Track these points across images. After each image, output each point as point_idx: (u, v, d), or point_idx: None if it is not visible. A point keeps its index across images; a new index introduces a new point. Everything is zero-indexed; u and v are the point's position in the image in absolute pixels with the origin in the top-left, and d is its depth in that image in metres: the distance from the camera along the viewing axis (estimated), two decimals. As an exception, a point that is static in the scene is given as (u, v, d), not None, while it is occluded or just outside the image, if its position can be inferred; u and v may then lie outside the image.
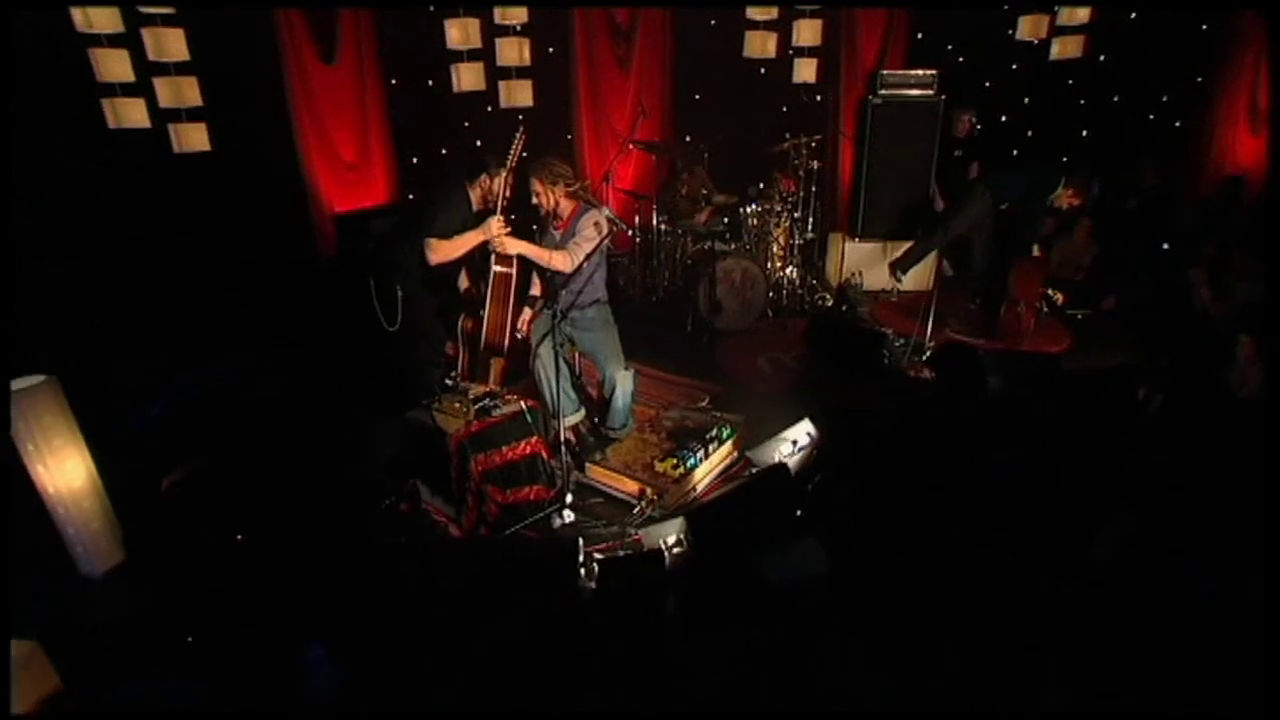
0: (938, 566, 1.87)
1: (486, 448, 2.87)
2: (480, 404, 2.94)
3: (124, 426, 3.58)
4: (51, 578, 2.92)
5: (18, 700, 2.36)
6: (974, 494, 1.91)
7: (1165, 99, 6.27)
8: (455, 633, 1.78)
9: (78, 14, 4.34)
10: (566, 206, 3.17)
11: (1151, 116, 6.36)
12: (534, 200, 3.16)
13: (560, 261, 3.06)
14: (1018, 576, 1.61)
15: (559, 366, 3.09)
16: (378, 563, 2.60)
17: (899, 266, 5.24)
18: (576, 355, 3.51)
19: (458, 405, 2.94)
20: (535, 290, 3.43)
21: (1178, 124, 6.29)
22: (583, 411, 3.46)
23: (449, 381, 3.11)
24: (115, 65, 4.47)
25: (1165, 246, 5.45)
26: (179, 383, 4.05)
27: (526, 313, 3.35)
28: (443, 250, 3.17)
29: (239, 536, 2.50)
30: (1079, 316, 4.93)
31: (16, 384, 2.78)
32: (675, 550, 2.63)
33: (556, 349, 2.97)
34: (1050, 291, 4.65)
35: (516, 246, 3.12)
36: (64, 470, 2.90)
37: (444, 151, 5.85)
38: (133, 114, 4.54)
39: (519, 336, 3.33)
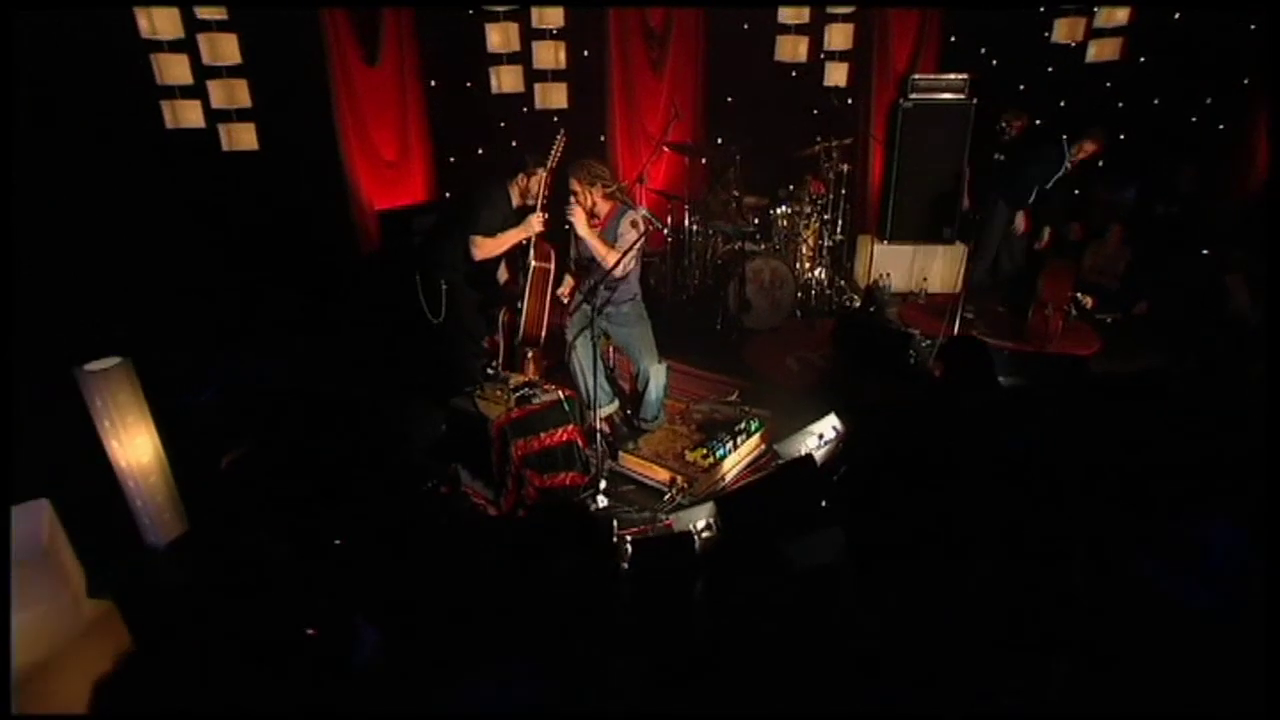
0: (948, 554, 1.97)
1: (526, 434, 3.07)
2: (520, 392, 3.15)
3: (180, 410, 3.85)
4: (123, 545, 3.19)
5: (96, 654, 2.62)
6: (977, 482, 2.03)
7: (1209, 101, 6.27)
8: (497, 589, 1.96)
9: (143, 20, 4.64)
10: (604, 207, 3.35)
11: (1194, 119, 6.36)
12: (572, 199, 3.35)
13: (614, 256, 3.22)
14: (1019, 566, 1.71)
15: (595, 360, 3.28)
16: (422, 537, 2.81)
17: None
18: (611, 350, 3.69)
19: (499, 393, 3.15)
20: (564, 290, 3.59)
21: (1221, 127, 6.29)
22: (616, 403, 3.65)
23: (490, 371, 3.32)
24: (175, 69, 4.77)
25: (1204, 252, 5.48)
26: (225, 371, 4.33)
27: (567, 281, 3.50)
28: (487, 247, 3.38)
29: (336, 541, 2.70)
30: (1108, 320, 4.99)
31: (94, 365, 3.05)
32: (704, 534, 2.80)
33: (594, 342, 3.16)
34: (1079, 295, 4.73)
35: (584, 231, 3.26)
36: (134, 446, 3.16)
37: (480, 151, 6.09)
38: (189, 115, 4.85)
39: (564, 307, 3.46)
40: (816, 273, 5.68)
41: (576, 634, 1.46)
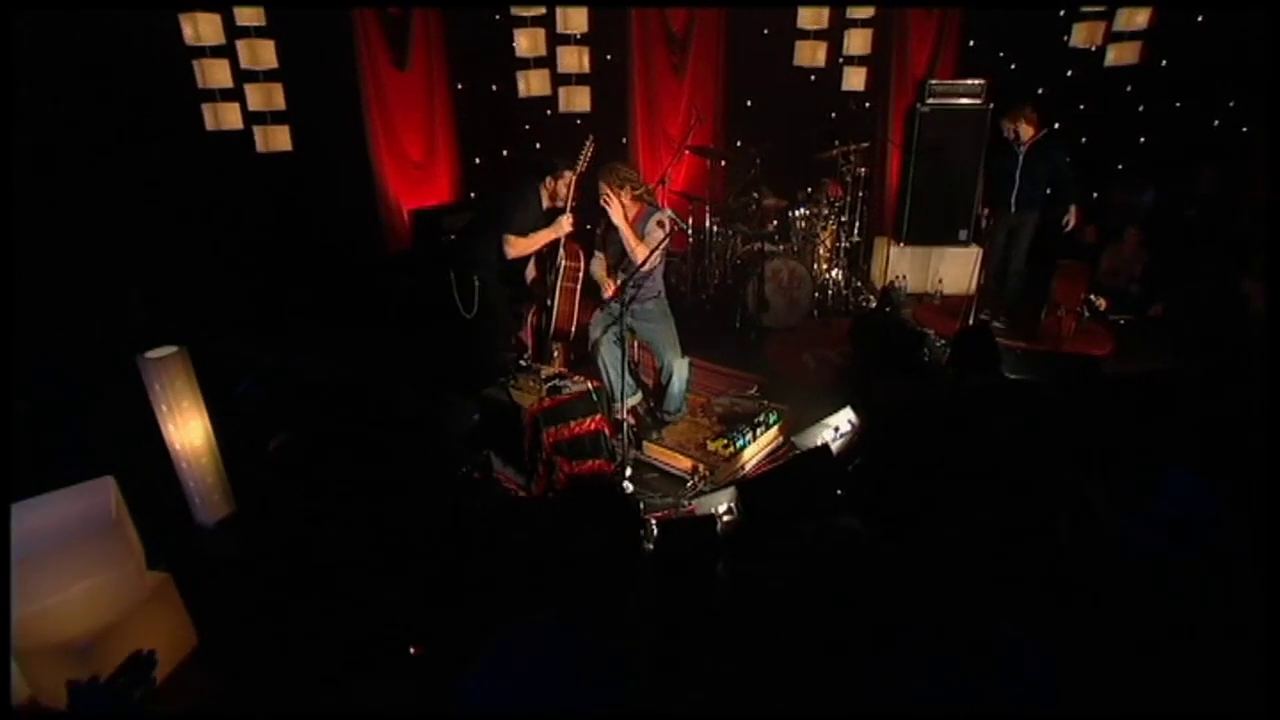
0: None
1: (556, 422, 3.31)
2: (551, 383, 3.39)
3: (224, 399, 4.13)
4: (175, 523, 3.46)
5: (157, 620, 2.88)
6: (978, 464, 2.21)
7: (1231, 104, 6.39)
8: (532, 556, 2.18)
9: (188, 27, 4.93)
10: (633, 209, 3.59)
11: (1216, 122, 6.49)
12: (601, 201, 3.58)
13: (643, 251, 3.44)
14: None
15: (623, 354, 3.51)
16: (459, 517, 3.05)
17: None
18: (635, 345, 3.92)
19: (531, 384, 3.39)
20: (608, 293, 3.75)
21: (1244, 129, 6.41)
22: (640, 394, 3.88)
23: (523, 363, 3.56)
24: (217, 73, 5.06)
25: (1223, 255, 5.60)
26: (261, 364, 4.60)
27: (609, 284, 3.67)
28: (520, 246, 3.63)
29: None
30: (1121, 322, 5.15)
31: (154, 353, 3.32)
32: (726, 518, 3.01)
33: (622, 336, 3.39)
34: (1093, 297, 4.89)
35: (619, 220, 3.48)
36: (188, 429, 3.43)
37: (505, 153, 6.35)
38: (229, 117, 5.13)
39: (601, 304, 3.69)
40: (833, 273, 5.88)
41: (607, 594, 1.65)
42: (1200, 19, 6.04)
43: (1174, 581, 1.64)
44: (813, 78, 6.19)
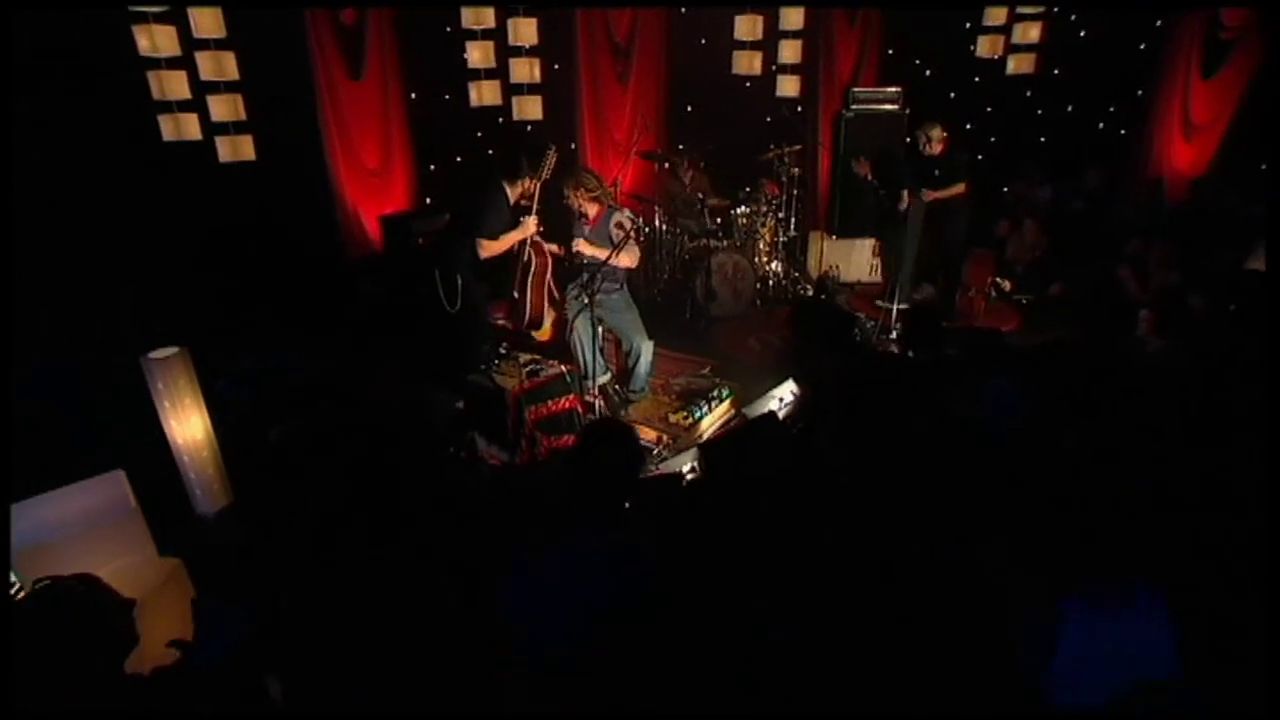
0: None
1: (537, 401, 3.84)
2: (529, 368, 3.92)
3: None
4: (177, 513, 3.81)
5: (172, 603, 3.25)
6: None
7: (1112, 110, 7.46)
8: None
9: (143, 39, 5.20)
10: (592, 208, 4.17)
11: (1101, 125, 7.55)
12: (564, 201, 4.15)
13: (613, 255, 3.99)
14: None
15: (595, 333, 4.08)
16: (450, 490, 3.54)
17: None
18: (601, 332, 4.48)
19: (511, 368, 3.92)
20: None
21: (1123, 132, 7.49)
22: (610, 373, 4.46)
23: (502, 350, 4.09)
24: (175, 84, 5.34)
25: (1107, 241, 6.60)
26: (234, 365, 4.94)
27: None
28: (491, 249, 4.15)
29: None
30: (1024, 301, 6.05)
31: (157, 354, 3.69)
32: (690, 475, 3.61)
33: (593, 322, 3.96)
34: (999, 280, 5.75)
35: (589, 251, 4.05)
36: (189, 425, 3.80)
37: (459, 159, 6.80)
38: (189, 128, 5.43)
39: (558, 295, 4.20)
40: (773, 266, 6.59)
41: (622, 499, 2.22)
42: (1083, 34, 7.06)
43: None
44: (749, 84, 6.89)
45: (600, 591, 1.92)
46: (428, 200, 6.63)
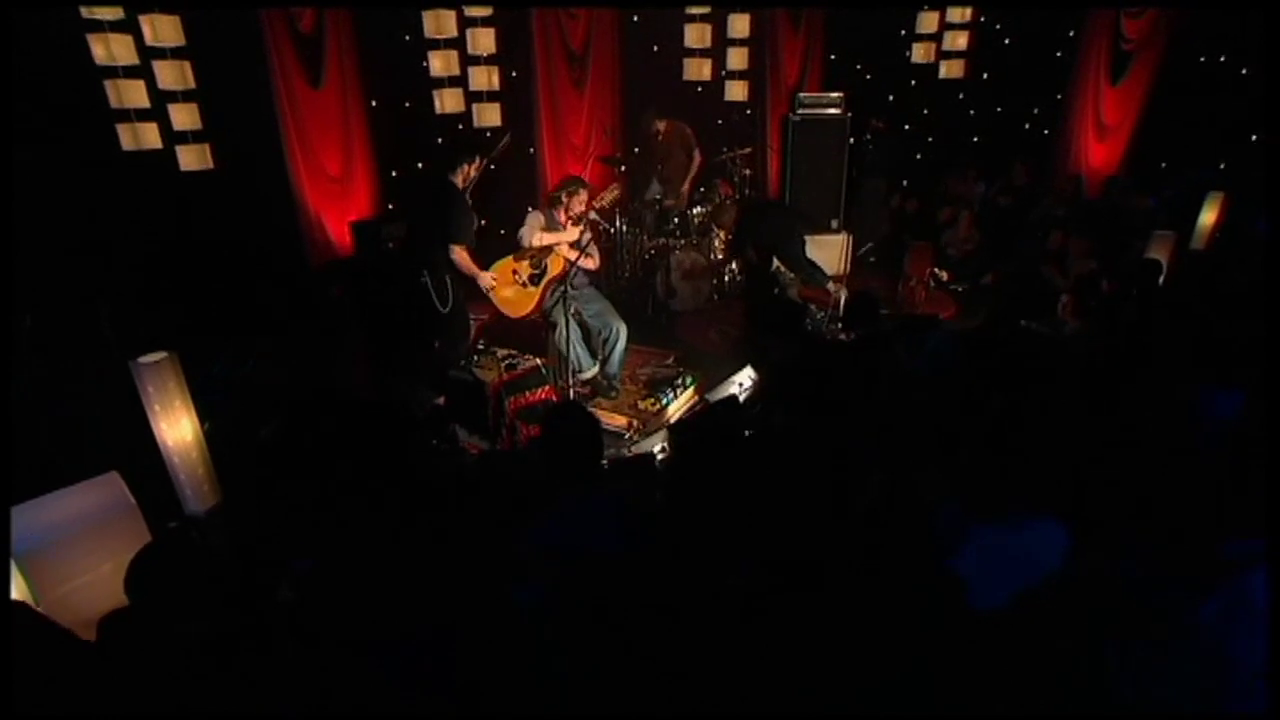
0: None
1: (515, 392, 4.19)
2: (507, 361, 4.26)
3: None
4: (167, 513, 4.01)
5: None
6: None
7: (1036, 111, 8.19)
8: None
9: (98, 48, 5.33)
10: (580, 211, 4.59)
11: (1026, 126, 8.27)
12: (563, 201, 4.62)
13: (591, 263, 4.47)
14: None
15: (571, 330, 4.45)
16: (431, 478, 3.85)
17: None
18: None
19: (490, 363, 4.25)
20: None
21: (1046, 132, 8.22)
22: (597, 367, 4.83)
23: (480, 346, 4.42)
24: (133, 93, 5.47)
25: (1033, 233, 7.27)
26: (205, 371, 5.12)
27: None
28: (463, 260, 4.45)
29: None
30: (959, 290, 6.66)
31: (146, 358, 3.89)
32: (660, 456, 4.01)
33: (568, 318, 4.33)
34: (937, 270, 6.33)
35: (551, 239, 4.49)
36: (179, 427, 4.01)
37: (420, 165, 7.07)
38: (148, 137, 5.57)
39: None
40: (730, 263, 7.05)
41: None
42: (1008, 42, 7.77)
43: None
44: (700, 90, 7.35)
45: (608, 543, 2.31)
46: (390, 206, 6.88)
